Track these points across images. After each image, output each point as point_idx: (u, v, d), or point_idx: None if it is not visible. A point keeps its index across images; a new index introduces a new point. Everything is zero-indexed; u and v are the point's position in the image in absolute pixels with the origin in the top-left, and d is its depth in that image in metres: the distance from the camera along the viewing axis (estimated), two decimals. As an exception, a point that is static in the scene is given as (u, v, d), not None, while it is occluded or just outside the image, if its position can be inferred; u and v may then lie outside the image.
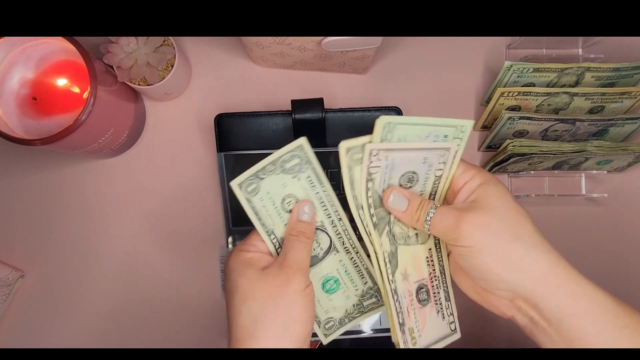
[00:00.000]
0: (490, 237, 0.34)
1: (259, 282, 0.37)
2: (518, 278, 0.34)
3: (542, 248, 0.34)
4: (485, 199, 0.35)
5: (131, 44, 0.49)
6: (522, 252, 0.34)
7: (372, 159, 0.35)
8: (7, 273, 0.54)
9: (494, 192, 0.35)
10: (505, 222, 0.34)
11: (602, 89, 0.49)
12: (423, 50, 0.57)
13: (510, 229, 0.34)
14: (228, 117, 0.53)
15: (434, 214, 0.36)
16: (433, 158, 0.37)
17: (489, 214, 0.34)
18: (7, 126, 0.46)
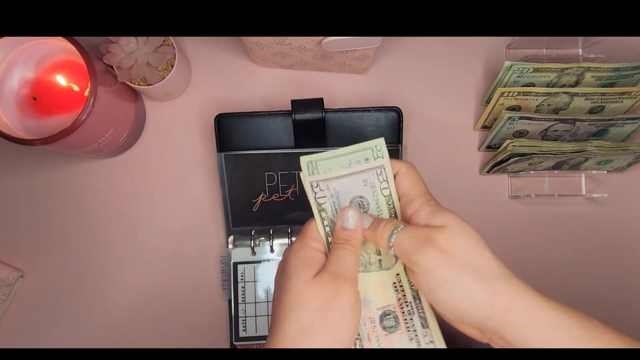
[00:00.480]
0: (451, 270, 0.32)
1: (311, 289, 0.34)
2: (482, 313, 0.32)
3: (503, 279, 0.33)
4: (448, 228, 0.33)
5: (131, 44, 0.49)
6: (485, 286, 0.32)
7: (316, 190, 0.36)
8: (7, 273, 0.54)
9: (455, 220, 0.34)
10: (466, 253, 0.33)
11: (602, 89, 0.49)
12: (423, 50, 0.57)
13: (472, 260, 0.33)
14: (228, 117, 0.53)
15: (399, 231, 0.34)
16: (372, 178, 0.36)
17: (452, 242, 0.33)
18: (7, 126, 0.46)
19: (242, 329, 0.52)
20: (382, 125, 0.54)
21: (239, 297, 0.53)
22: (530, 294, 0.33)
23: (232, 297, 0.53)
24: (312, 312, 0.33)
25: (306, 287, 0.34)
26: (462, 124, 0.57)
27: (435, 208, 0.35)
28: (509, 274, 0.33)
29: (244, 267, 0.53)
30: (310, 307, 0.33)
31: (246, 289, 0.53)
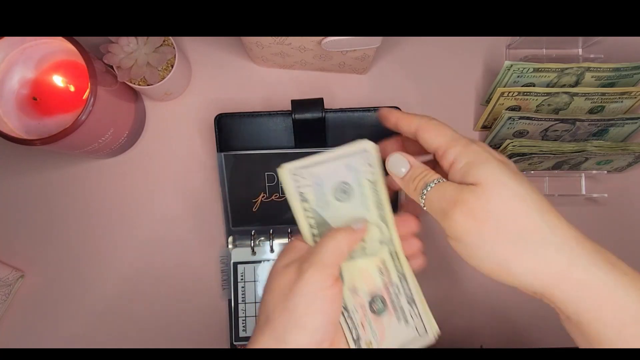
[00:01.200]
0: (484, 237, 0.29)
1: (278, 276, 0.33)
2: (523, 283, 0.29)
3: (552, 245, 0.28)
4: (482, 187, 0.29)
5: (131, 44, 0.49)
6: (525, 257, 0.28)
7: (297, 179, 0.34)
8: (7, 273, 0.54)
9: (490, 176, 0.29)
10: (504, 217, 0.28)
11: (602, 89, 0.49)
12: (423, 50, 0.57)
13: (511, 227, 0.28)
14: (228, 117, 0.52)
15: (432, 187, 0.31)
16: (356, 162, 0.35)
17: (486, 205, 0.29)
18: (7, 126, 0.46)
19: (242, 329, 0.52)
20: (382, 125, 0.54)
21: (239, 297, 0.53)
22: (589, 263, 0.28)
23: (232, 297, 0.53)
24: (275, 297, 0.32)
25: (275, 274, 0.33)
26: (462, 124, 0.57)
27: (472, 158, 0.30)
28: (566, 239, 0.28)
29: (244, 267, 0.53)
30: (274, 293, 0.32)
31: (246, 289, 0.53)
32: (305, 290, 0.31)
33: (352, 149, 0.35)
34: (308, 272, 0.31)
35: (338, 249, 0.33)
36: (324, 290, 0.31)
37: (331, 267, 0.32)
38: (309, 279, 0.31)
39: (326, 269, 0.32)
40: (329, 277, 0.32)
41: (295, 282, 0.32)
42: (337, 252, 0.32)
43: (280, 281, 0.32)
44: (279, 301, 0.32)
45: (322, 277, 0.31)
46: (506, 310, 0.55)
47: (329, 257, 0.32)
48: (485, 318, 0.55)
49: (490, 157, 0.30)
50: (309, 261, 0.32)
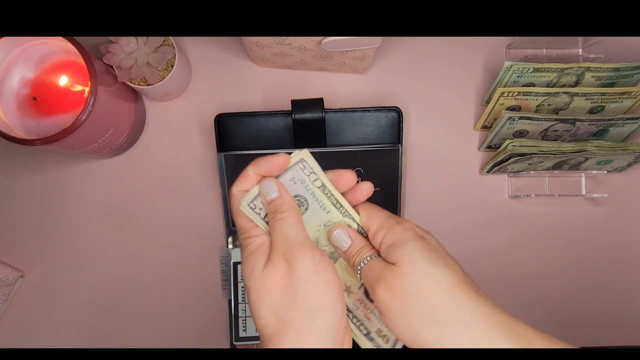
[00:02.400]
0: (402, 312, 0.31)
1: (266, 278, 0.32)
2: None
3: (460, 323, 0.30)
4: (399, 266, 0.32)
5: (131, 44, 0.49)
6: (437, 333, 0.30)
7: (257, 211, 0.35)
8: (7, 273, 0.54)
9: (406, 256, 0.32)
10: (416, 295, 0.31)
11: (602, 89, 0.49)
12: (423, 50, 0.57)
13: (422, 304, 0.30)
14: (228, 117, 0.53)
15: (365, 263, 0.34)
16: (298, 174, 0.36)
17: (401, 283, 0.31)
18: (7, 126, 0.46)
19: (242, 329, 0.52)
20: (382, 125, 0.54)
21: (239, 297, 0.53)
22: (500, 339, 0.29)
23: (232, 297, 0.53)
24: (278, 299, 0.32)
25: (261, 278, 0.33)
26: (462, 124, 0.57)
27: (394, 239, 0.33)
28: (473, 317, 0.30)
29: (244, 267, 0.53)
30: (273, 295, 0.32)
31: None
32: (305, 273, 0.32)
33: (290, 164, 0.36)
34: (296, 258, 0.32)
35: (293, 222, 0.34)
36: (321, 264, 0.32)
37: (307, 240, 0.33)
38: (301, 263, 0.32)
39: (308, 248, 0.33)
40: (315, 250, 0.33)
41: (289, 274, 0.32)
42: (296, 224, 0.34)
43: (272, 281, 0.32)
44: (284, 299, 0.32)
45: (310, 258, 0.32)
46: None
47: (300, 236, 0.33)
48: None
49: (410, 237, 0.33)
50: (290, 249, 0.32)
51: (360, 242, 0.35)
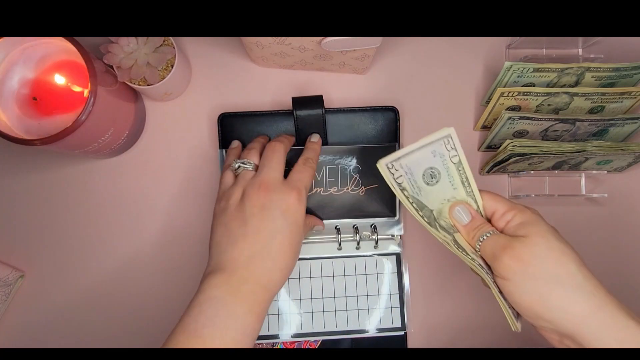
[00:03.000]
0: (527, 275, 0.35)
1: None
2: (557, 318, 0.34)
3: (585, 290, 0.34)
4: (529, 237, 0.36)
5: (131, 44, 0.49)
6: (561, 294, 0.34)
7: (392, 171, 0.40)
8: (7, 273, 0.54)
9: (537, 231, 0.36)
10: (545, 261, 0.35)
11: (602, 89, 0.49)
12: (423, 50, 0.57)
13: (551, 269, 0.35)
14: (231, 116, 0.53)
15: (487, 237, 0.38)
16: (440, 148, 0.39)
17: (530, 251, 0.35)
18: (7, 126, 0.46)
19: (242, 329, 0.52)
20: (380, 125, 0.54)
21: (239, 297, 0.53)
22: (614, 309, 0.33)
23: (232, 297, 0.53)
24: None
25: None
26: (462, 124, 0.57)
27: (526, 219, 0.38)
28: (596, 289, 0.34)
29: (244, 267, 0.53)
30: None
31: (246, 289, 0.53)
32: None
33: (436, 137, 0.39)
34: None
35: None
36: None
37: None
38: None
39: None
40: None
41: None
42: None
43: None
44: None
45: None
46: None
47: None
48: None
49: (540, 219, 0.38)
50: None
51: (480, 219, 0.40)
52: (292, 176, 0.45)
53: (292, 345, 0.53)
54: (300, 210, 0.43)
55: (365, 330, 0.52)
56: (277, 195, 0.42)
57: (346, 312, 0.53)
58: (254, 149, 0.47)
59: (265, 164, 0.44)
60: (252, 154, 0.46)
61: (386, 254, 0.54)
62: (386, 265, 0.53)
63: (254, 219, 0.41)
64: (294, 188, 0.43)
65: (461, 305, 0.55)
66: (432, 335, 0.55)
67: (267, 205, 0.42)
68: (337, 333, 0.52)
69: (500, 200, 0.40)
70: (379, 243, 0.53)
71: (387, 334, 0.53)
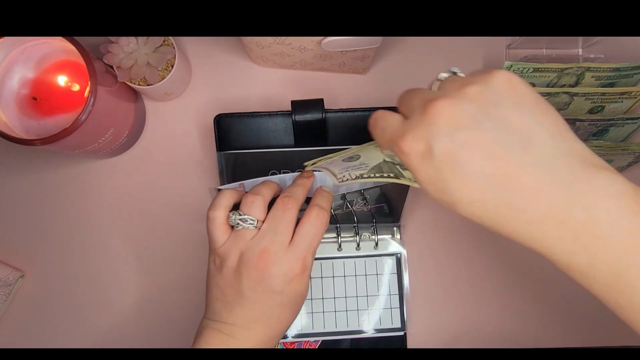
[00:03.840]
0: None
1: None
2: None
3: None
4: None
5: (131, 44, 0.49)
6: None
7: (340, 177, 0.39)
8: (7, 273, 0.54)
9: None
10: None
11: (602, 89, 0.49)
12: (423, 50, 0.57)
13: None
14: (228, 117, 0.52)
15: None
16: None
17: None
18: (7, 126, 0.46)
19: (242, 329, 0.52)
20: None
21: (239, 297, 0.53)
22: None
23: (232, 297, 0.53)
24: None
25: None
26: (462, 124, 0.57)
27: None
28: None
29: (244, 267, 0.53)
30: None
31: (246, 289, 0.53)
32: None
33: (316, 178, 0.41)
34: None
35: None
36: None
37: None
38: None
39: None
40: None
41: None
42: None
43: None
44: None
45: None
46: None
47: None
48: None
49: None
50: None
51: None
52: (301, 236, 0.38)
53: (292, 346, 0.53)
54: (304, 282, 0.39)
55: (365, 330, 0.52)
56: (279, 268, 0.37)
57: (346, 313, 0.53)
58: (260, 200, 0.39)
59: (272, 227, 0.38)
60: (256, 207, 0.39)
61: (386, 254, 0.54)
62: (386, 265, 0.53)
63: (251, 292, 0.38)
64: (300, 258, 0.38)
65: (461, 306, 0.55)
66: (431, 335, 0.55)
67: (266, 279, 0.37)
68: (337, 333, 0.52)
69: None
70: (379, 244, 0.53)
71: (386, 334, 0.53)
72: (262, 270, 0.37)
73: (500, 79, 0.29)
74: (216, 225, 0.39)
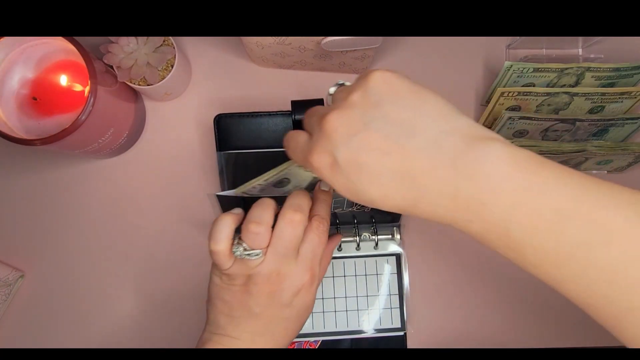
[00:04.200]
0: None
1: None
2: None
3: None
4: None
5: (131, 44, 0.49)
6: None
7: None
8: (7, 273, 0.54)
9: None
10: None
11: (602, 89, 0.49)
12: (423, 50, 0.57)
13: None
14: (227, 117, 0.52)
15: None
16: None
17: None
18: (7, 126, 0.46)
19: (242, 329, 0.52)
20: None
21: (239, 297, 0.53)
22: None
23: (232, 297, 0.53)
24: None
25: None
26: (462, 124, 0.57)
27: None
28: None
29: (244, 267, 0.53)
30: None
31: (246, 289, 0.53)
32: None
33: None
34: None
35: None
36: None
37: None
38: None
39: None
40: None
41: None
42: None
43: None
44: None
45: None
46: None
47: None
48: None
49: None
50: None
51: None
52: (306, 250, 0.38)
53: (292, 346, 0.53)
54: (312, 292, 0.39)
55: (365, 330, 0.52)
56: (288, 282, 0.37)
57: (346, 313, 0.53)
58: (264, 231, 0.37)
59: (279, 251, 0.37)
60: (261, 239, 0.36)
61: (386, 254, 0.54)
62: (386, 265, 0.53)
63: (259, 307, 0.37)
64: (308, 269, 0.38)
65: (461, 306, 0.55)
66: (431, 335, 0.55)
67: (277, 293, 0.37)
68: (337, 333, 0.52)
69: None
70: (379, 244, 0.53)
71: (386, 334, 0.53)
72: (273, 290, 0.37)
73: (376, 80, 0.31)
74: (220, 257, 0.37)
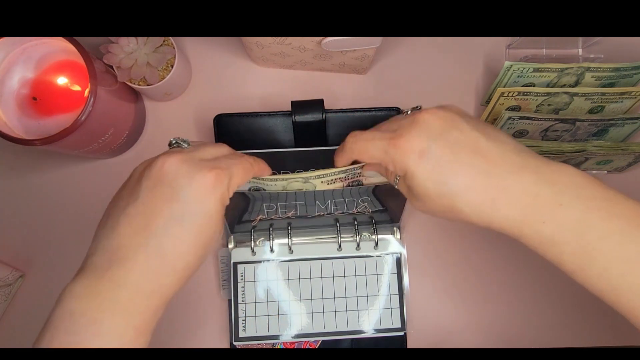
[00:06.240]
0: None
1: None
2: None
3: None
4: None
5: (131, 44, 0.49)
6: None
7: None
8: (7, 273, 0.54)
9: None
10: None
11: (602, 89, 0.49)
12: (423, 50, 0.57)
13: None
14: (227, 117, 0.52)
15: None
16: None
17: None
18: (7, 126, 0.46)
19: (242, 329, 0.52)
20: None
21: (239, 297, 0.53)
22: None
23: (232, 297, 0.53)
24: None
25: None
26: (462, 124, 0.57)
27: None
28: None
29: (244, 267, 0.53)
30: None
31: (246, 289, 0.53)
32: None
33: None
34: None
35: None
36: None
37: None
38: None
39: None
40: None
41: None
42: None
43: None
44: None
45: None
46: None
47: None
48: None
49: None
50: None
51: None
52: (219, 159, 0.33)
53: (292, 346, 0.53)
54: (215, 198, 0.31)
55: (365, 330, 0.52)
56: (185, 169, 0.31)
57: (346, 313, 0.53)
58: (217, 150, 0.35)
59: (207, 149, 0.34)
60: (210, 147, 0.35)
61: (386, 254, 0.54)
62: (386, 265, 0.53)
63: (147, 194, 0.31)
64: (215, 168, 0.32)
65: (461, 306, 0.55)
66: (431, 335, 0.55)
67: (168, 179, 0.31)
68: (337, 334, 0.52)
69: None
70: (379, 244, 0.53)
71: (386, 334, 0.53)
72: (169, 166, 0.31)
73: (453, 109, 0.35)
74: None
